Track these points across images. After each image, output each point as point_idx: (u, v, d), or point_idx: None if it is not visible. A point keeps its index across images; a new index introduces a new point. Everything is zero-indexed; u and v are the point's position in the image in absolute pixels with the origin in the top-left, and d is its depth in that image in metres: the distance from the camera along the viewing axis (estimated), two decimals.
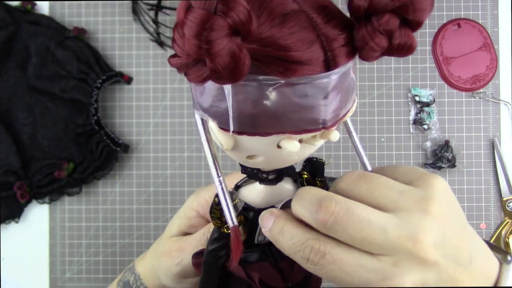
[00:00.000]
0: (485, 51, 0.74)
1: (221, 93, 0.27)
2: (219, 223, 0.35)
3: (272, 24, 0.25)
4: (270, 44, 0.25)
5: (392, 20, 0.25)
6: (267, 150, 0.29)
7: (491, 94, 0.74)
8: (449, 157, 0.72)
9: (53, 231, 0.76)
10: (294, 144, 0.28)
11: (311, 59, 0.26)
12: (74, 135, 0.73)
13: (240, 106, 0.26)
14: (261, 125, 0.27)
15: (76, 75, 0.73)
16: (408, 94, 0.74)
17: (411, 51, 0.27)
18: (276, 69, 0.25)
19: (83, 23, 0.76)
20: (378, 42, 0.26)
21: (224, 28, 0.22)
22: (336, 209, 0.28)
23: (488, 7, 0.74)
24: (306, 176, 0.36)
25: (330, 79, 0.26)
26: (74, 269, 0.76)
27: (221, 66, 0.23)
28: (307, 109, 0.26)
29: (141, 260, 0.51)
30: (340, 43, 0.26)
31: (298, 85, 0.26)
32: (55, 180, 0.72)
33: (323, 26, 0.26)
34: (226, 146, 0.29)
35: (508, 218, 0.72)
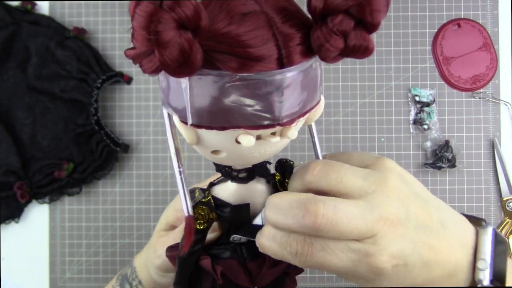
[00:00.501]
0: (485, 51, 0.74)
1: (179, 88, 0.27)
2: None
3: (230, 22, 0.26)
4: (225, 41, 0.26)
5: (346, 20, 0.26)
6: (227, 145, 0.30)
7: (491, 94, 0.74)
8: (449, 157, 0.72)
9: (53, 231, 0.76)
10: (249, 139, 0.28)
11: (265, 56, 0.26)
12: (74, 135, 0.73)
13: (197, 100, 0.27)
14: (217, 120, 0.27)
15: (76, 75, 0.73)
16: (408, 94, 0.74)
17: (368, 53, 0.27)
18: (230, 65, 0.26)
19: (83, 23, 0.76)
20: (333, 43, 0.26)
21: (169, 21, 0.23)
22: (324, 209, 0.28)
23: (488, 7, 0.74)
24: (278, 177, 0.36)
25: (284, 76, 0.27)
26: (74, 269, 0.76)
27: (169, 59, 0.24)
28: (261, 105, 0.27)
29: (139, 254, 0.53)
30: (295, 42, 0.27)
31: (251, 81, 0.26)
32: (55, 180, 0.72)
33: (280, 26, 0.27)
34: (188, 140, 0.30)
35: (508, 218, 0.72)
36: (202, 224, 0.34)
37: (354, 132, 0.74)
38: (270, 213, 0.30)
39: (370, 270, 0.29)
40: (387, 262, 0.29)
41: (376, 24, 0.26)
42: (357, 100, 0.74)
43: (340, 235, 0.29)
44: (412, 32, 0.75)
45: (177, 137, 0.32)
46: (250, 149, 0.30)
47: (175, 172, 0.32)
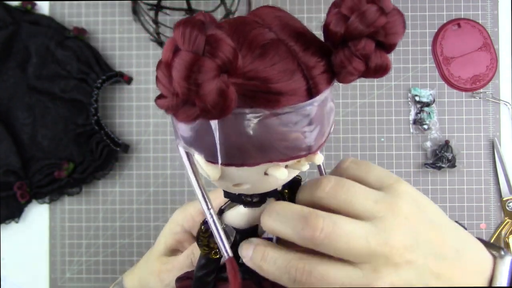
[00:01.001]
0: (485, 51, 0.74)
1: (206, 127, 0.26)
2: (207, 250, 0.34)
3: (253, 56, 0.26)
4: (254, 77, 0.25)
5: (368, 44, 0.26)
6: (254, 178, 0.29)
7: (491, 94, 0.74)
8: (449, 157, 0.72)
9: (53, 231, 0.76)
10: (282, 171, 0.28)
11: (294, 89, 0.26)
12: (74, 135, 0.73)
13: (227, 138, 0.26)
14: (249, 156, 0.27)
15: (76, 75, 0.73)
16: (408, 94, 0.74)
17: (387, 72, 0.28)
18: (261, 102, 0.25)
19: (83, 23, 0.76)
20: (356, 66, 0.27)
21: (212, 70, 0.22)
22: (324, 224, 0.28)
23: (488, 7, 0.74)
24: (287, 194, 0.36)
25: (313, 106, 0.27)
26: (74, 269, 0.76)
27: (211, 105, 0.23)
28: (293, 137, 0.27)
29: (129, 274, 0.51)
30: (320, 70, 0.27)
31: (283, 115, 0.26)
32: (55, 180, 0.72)
33: (302, 55, 0.27)
34: (213, 177, 0.29)
35: (508, 218, 0.72)
36: (217, 253, 0.34)
37: (354, 132, 0.74)
38: (269, 219, 0.30)
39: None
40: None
41: (395, 44, 0.27)
42: (357, 100, 0.74)
43: (336, 253, 0.28)
44: (412, 32, 0.75)
45: (200, 176, 0.30)
46: (277, 180, 0.30)
47: (206, 215, 0.31)
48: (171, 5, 0.70)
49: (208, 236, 0.33)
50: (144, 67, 0.76)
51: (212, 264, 0.35)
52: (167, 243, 0.47)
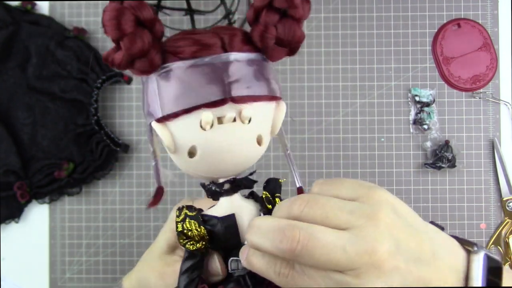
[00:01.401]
0: (485, 51, 0.74)
1: (153, 90, 0.34)
2: (184, 239, 0.36)
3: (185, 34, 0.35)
4: (181, 39, 0.34)
5: (271, 14, 0.34)
6: (196, 135, 0.34)
7: (491, 94, 0.74)
8: (449, 157, 0.72)
9: (53, 231, 0.76)
10: (208, 115, 0.33)
11: (212, 43, 0.34)
12: (74, 135, 0.73)
13: (165, 92, 0.33)
14: (181, 104, 0.33)
15: (76, 75, 0.73)
16: (408, 94, 0.74)
17: (296, 39, 0.35)
18: (185, 52, 0.33)
19: (83, 23, 0.76)
20: (268, 31, 0.34)
21: (130, 14, 0.31)
22: (301, 236, 0.29)
23: (488, 7, 0.74)
24: (266, 195, 0.38)
25: (228, 58, 0.33)
26: (74, 269, 0.76)
27: (134, 48, 0.32)
28: (213, 82, 0.33)
29: (128, 277, 0.51)
30: (236, 36, 0.34)
31: (203, 64, 0.33)
32: (55, 180, 0.72)
33: (223, 31, 0.35)
34: (166, 141, 0.35)
35: (508, 218, 0.73)
36: (194, 244, 0.35)
37: (354, 132, 0.74)
38: (250, 235, 0.32)
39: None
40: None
41: (298, 14, 0.34)
42: (357, 100, 0.74)
43: (317, 264, 0.29)
44: (412, 32, 0.75)
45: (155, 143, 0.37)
46: (216, 138, 0.34)
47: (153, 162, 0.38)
48: (171, 5, 0.70)
49: (182, 220, 0.36)
50: None
51: (194, 257, 0.36)
52: (168, 241, 0.47)
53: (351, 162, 0.74)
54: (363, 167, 0.74)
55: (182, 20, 0.75)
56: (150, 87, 0.34)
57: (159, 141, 0.36)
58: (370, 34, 0.75)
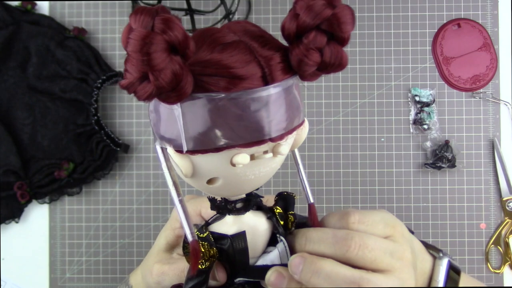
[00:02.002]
0: (485, 51, 0.74)
1: (172, 117, 0.29)
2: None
3: (213, 50, 0.29)
4: (211, 64, 0.28)
5: (319, 36, 0.29)
6: (223, 169, 0.31)
7: (491, 94, 0.74)
8: (449, 157, 0.72)
9: (53, 231, 0.76)
10: (244, 157, 0.30)
11: (249, 74, 0.29)
12: (74, 135, 0.73)
13: (190, 126, 0.29)
14: (211, 141, 0.29)
15: (76, 75, 0.73)
16: (408, 94, 0.74)
17: (342, 66, 0.30)
18: (219, 85, 0.28)
19: (83, 23, 0.76)
20: (311, 57, 0.29)
21: (161, 43, 0.25)
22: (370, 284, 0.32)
23: (488, 7, 0.74)
24: (279, 210, 0.37)
25: (269, 92, 0.29)
26: (74, 269, 0.76)
27: (165, 81, 0.26)
28: (251, 121, 0.29)
29: (134, 272, 0.52)
30: (275, 60, 0.30)
31: (240, 100, 0.28)
32: (55, 180, 0.72)
33: (259, 50, 0.30)
34: (184, 170, 0.31)
35: (508, 218, 0.72)
36: (203, 263, 0.34)
37: (354, 132, 0.74)
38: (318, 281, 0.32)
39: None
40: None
41: (346, 37, 0.29)
42: (357, 100, 0.74)
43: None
44: (412, 32, 0.75)
45: (173, 170, 0.32)
46: (245, 171, 0.31)
47: (175, 201, 0.32)
48: (171, 5, 0.70)
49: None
50: None
51: (201, 275, 0.35)
52: (167, 239, 0.48)
53: (351, 162, 0.74)
54: (363, 167, 0.74)
55: (182, 20, 0.74)
56: (168, 110, 0.29)
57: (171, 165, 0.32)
58: (370, 34, 0.75)
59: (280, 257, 0.35)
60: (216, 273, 0.36)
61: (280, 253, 0.35)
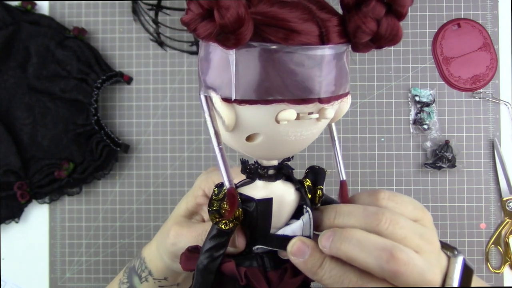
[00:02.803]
0: (485, 51, 0.74)
1: (225, 63, 0.29)
2: (217, 217, 0.34)
3: (273, 5, 0.29)
4: (272, 16, 0.28)
5: (378, 6, 0.29)
6: (266, 124, 0.31)
7: (491, 94, 0.74)
8: (449, 157, 0.72)
9: (53, 231, 0.76)
10: (291, 113, 0.30)
11: (307, 31, 0.29)
12: (74, 135, 0.73)
13: (242, 74, 0.29)
14: (261, 92, 0.29)
15: (76, 75, 0.73)
16: (408, 94, 0.74)
17: (397, 39, 0.30)
18: (276, 36, 0.28)
19: (83, 23, 0.76)
20: (368, 25, 0.29)
21: None
22: (404, 259, 0.31)
23: (488, 7, 0.74)
24: (308, 183, 0.36)
25: (324, 52, 0.29)
26: (74, 269, 0.76)
27: (229, 20, 0.26)
28: (304, 78, 0.29)
29: (147, 245, 0.52)
30: (333, 23, 0.30)
31: (295, 54, 0.29)
32: (55, 180, 0.72)
33: (317, 11, 0.30)
34: (228, 121, 0.30)
35: (508, 218, 0.72)
36: (227, 224, 0.34)
37: (354, 132, 0.74)
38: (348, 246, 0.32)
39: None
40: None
41: (404, 11, 0.29)
42: (357, 100, 0.74)
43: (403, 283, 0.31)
44: (412, 32, 0.75)
45: (215, 120, 0.32)
46: (287, 130, 0.31)
47: (215, 149, 0.32)
48: (171, 5, 0.70)
49: (220, 199, 0.34)
50: (144, 67, 0.76)
51: (222, 237, 0.34)
52: (188, 205, 0.47)
53: (351, 162, 0.74)
54: (363, 167, 0.74)
55: None
56: (221, 56, 0.30)
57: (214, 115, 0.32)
58: None
59: (303, 229, 0.35)
60: (236, 238, 0.36)
61: (304, 224, 0.35)
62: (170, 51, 0.76)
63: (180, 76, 0.76)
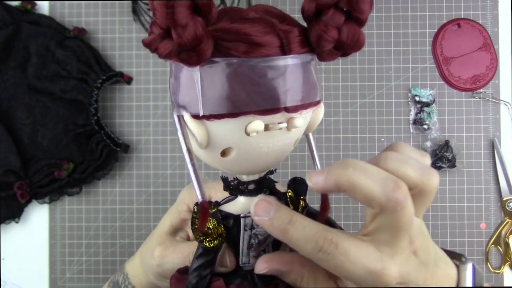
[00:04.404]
0: (485, 51, 0.74)
1: (191, 81, 0.30)
2: (201, 235, 0.34)
3: (234, 21, 0.30)
4: (233, 31, 0.29)
5: (337, 14, 0.30)
6: (237, 138, 0.31)
7: (491, 94, 0.74)
8: (449, 157, 0.72)
9: (53, 231, 0.76)
10: (258, 124, 0.30)
11: (268, 42, 0.30)
12: (74, 135, 0.73)
13: (208, 90, 0.30)
14: (228, 106, 0.30)
15: (76, 75, 0.73)
16: (408, 94, 0.74)
17: (360, 45, 0.31)
18: (238, 50, 0.29)
19: (83, 23, 0.76)
20: (330, 33, 0.30)
21: (186, 2, 0.26)
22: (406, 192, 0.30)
23: (488, 7, 0.74)
24: (290, 194, 0.36)
25: (286, 62, 0.30)
26: (74, 269, 0.76)
27: (187, 38, 0.27)
28: (267, 88, 0.30)
29: (130, 260, 0.51)
30: (294, 34, 0.31)
31: (257, 66, 0.29)
32: (55, 180, 0.72)
33: (279, 24, 0.31)
34: (200, 138, 0.31)
35: (508, 218, 0.72)
36: (212, 241, 0.34)
37: (354, 132, 0.74)
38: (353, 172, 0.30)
39: (378, 281, 0.30)
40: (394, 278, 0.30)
41: (364, 17, 0.30)
42: (357, 100, 0.74)
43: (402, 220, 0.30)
44: (412, 32, 0.75)
45: (188, 138, 0.33)
46: (259, 142, 0.32)
47: (188, 165, 0.32)
48: None
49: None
50: (144, 67, 0.76)
51: (209, 255, 0.35)
52: (172, 221, 0.47)
53: None
54: None
55: None
56: (187, 75, 0.31)
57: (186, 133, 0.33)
58: (370, 34, 0.75)
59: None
60: (226, 257, 0.36)
61: None
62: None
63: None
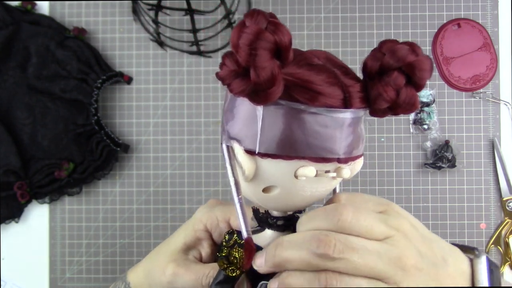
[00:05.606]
0: (485, 51, 0.74)
1: (251, 117, 0.31)
2: (226, 264, 0.35)
3: (301, 67, 0.31)
4: (300, 77, 0.30)
5: (399, 77, 0.31)
6: (285, 179, 0.32)
7: (491, 94, 0.74)
8: (449, 157, 0.72)
9: (53, 231, 0.76)
10: (311, 170, 0.31)
11: (333, 94, 0.31)
12: (74, 135, 0.73)
13: (268, 128, 0.31)
14: (285, 148, 0.31)
15: (76, 75, 0.73)
16: None
17: (414, 109, 0.32)
18: (304, 96, 0.30)
19: (83, 23, 0.76)
20: (389, 94, 0.31)
21: (270, 42, 0.28)
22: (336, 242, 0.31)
23: (488, 7, 0.74)
24: None
25: (345, 116, 0.31)
26: (74, 269, 0.76)
27: (264, 80, 0.28)
28: (326, 138, 0.31)
29: (133, 269, 0.50)
30: (356, 89, 0.32)
31: (320, 115, 0.31)
32: (55, 180, 0.72)
33: (342, 76, 0.32)
34: (248, 171, 0.32)
35: (508, 218, 0.73)
36: (234, 271, 0.35)
37: None
38: (281, 249, 0.32)
39: None
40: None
41: (422, 83, 0.31)
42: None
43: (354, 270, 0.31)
44: (412, 32, 0.75)
45: (235, 169, 0.33)
46: (304, 186, 0.33)
47: (235, 199, 0.33)
48: (171, 5, 0.70)
49: (230, 246, 0.35)
50: (144, 67, 0.76)
51: (228, 283, 0.35)
52: (186, 238, 0.47)
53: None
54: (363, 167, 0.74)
55: (182, 20, 0.75)
56: (248, 111, 0.31)
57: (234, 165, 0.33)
58: (370, 34, 0.75)
59: None
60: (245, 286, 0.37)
61: None
62: (170, 51, 0.76)
63: (180, 76, 0.76)
